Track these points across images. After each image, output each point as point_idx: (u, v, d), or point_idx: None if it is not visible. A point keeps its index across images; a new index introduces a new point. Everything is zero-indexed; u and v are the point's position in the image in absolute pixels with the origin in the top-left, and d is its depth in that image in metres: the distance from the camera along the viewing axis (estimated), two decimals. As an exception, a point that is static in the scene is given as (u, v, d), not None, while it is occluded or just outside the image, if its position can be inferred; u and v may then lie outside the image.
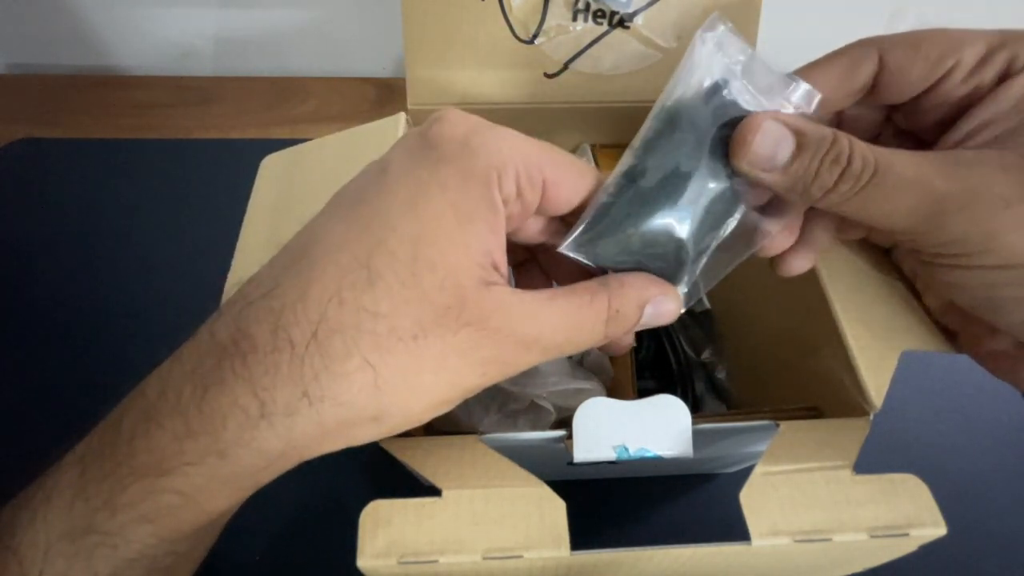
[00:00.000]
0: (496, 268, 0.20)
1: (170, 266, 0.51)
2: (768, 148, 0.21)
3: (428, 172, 0.19)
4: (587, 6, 0.35)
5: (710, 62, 0.21)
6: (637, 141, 0.21)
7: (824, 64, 0.24)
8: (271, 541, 0.38)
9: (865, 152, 0.21)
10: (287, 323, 0.18)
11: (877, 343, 0.26)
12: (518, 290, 0.20)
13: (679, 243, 0.22)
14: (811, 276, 0.28)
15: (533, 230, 0.24)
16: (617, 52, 0.36)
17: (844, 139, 0.21)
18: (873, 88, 0.24)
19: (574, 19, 0.36)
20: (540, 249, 0.25)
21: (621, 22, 0.36)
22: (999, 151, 0.21)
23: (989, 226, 0.20)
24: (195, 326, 0.20)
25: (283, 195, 0.30)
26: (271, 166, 0.32)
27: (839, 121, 0.26)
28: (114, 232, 0.52)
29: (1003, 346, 0.24)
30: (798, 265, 0.25)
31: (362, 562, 0.21)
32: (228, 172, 0.57)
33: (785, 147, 0.21)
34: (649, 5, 0.35)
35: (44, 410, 0.43)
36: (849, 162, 0.20)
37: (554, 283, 0.26)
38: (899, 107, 0.25)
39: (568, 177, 0.21)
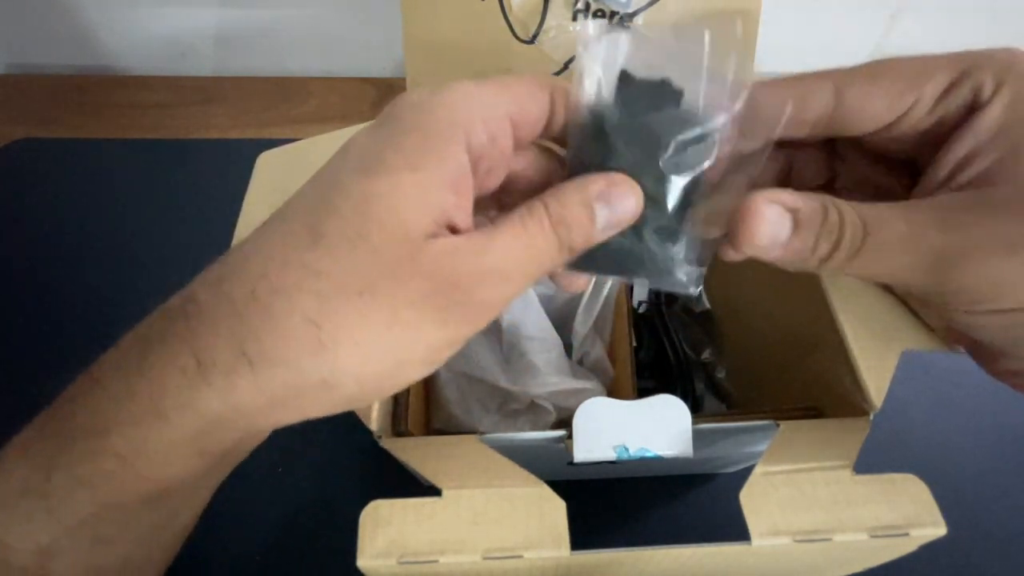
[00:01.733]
0: (452, 227, 0.19)
1: (170, 266, 0.50)
2: (770, 236, 0.20)
3: (385, 139, 0.19)
4: (587, 6, 0.35)
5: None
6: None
7: (773, 88, 0.23)
8: (271, 541, 0.38)
9: (854, 218, 0.20)
10: (228, 286, 0.18)
11: (877, 343, 0.26)
12: (467, 233, 0.19)
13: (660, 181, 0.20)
14: (811, 276, 0.28)
15: (521, 169, 0.23)
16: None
17: (833, 209, 0.20)
18: (830, 122, 0.23)
19: (574, 19, 0.36)
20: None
21: (621, 22, 0.36)
22: (992, 189, 0.20)
23: (997, 274, 0.19)
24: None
25: (279, 192, 0.30)
26: (267, 163, 0.32)
27: (790, 161, 0.26)
28: (114, 232, 0.52)
29: (1017, 366, 0.23)
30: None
31: (362, 562, 0.21)
32: (228, 172, 0.57)
33: (784, 229, 0.20)
34: (649, 5, 0.35)
35: (42, 408, 0.42)
36: (841, 231, 0.20)
37: None
38: (866, 136, 0.24)
39: (530, 102, 0.21)
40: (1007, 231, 0.19)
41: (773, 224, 0.20)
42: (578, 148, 0.21)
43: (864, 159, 0.25)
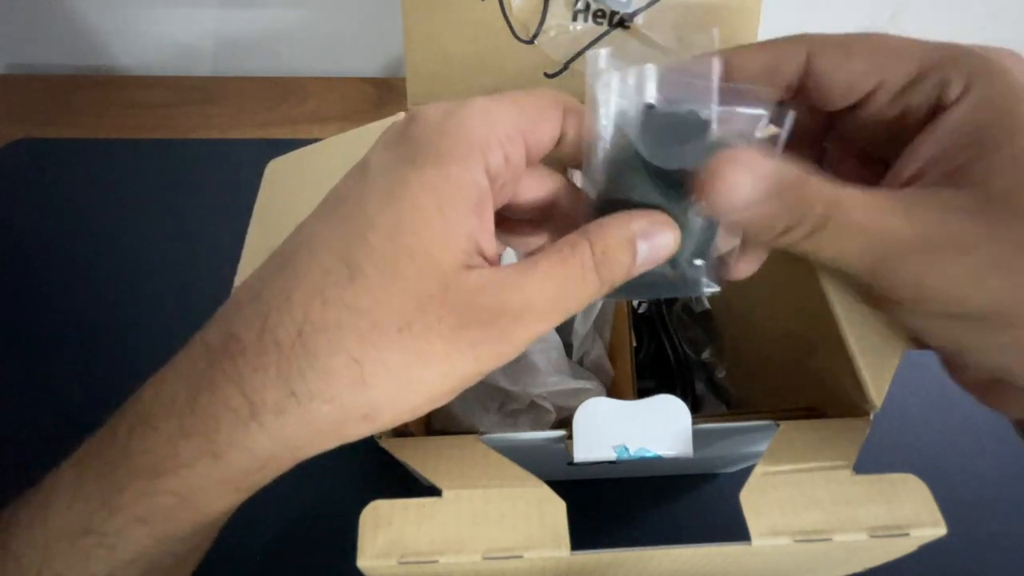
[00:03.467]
0: (480, 252, 0.19)
1: (170, 266, 0.51)
2: (744, 195, 0.19)
3: (406, 163, 0.19)
4: (587, 6, 0.35)
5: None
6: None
7: (747, 53, 0.23)
8: (271, 541, 0.38)
9: (826, 195, 0.19)
10: (273, 324, 0.18)
11: (878, 343, 0.26)
12: (501, 266, 0.20)
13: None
14: (811, 276, 0.28)
15: (527, 187, 0.23)
16: (617, 52, 0.36)
17: (814, 181, 0.19)
18: (801, 91, 0.23)
19: (574, 19, 0.36)
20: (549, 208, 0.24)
21: (621, 22, 0.36)
22: (955, 191, 0.20)
23: (945, 272, 0.19)
24: (195, 326, 0.20)
25: (289, 199, 0.30)
26: (276, 170, 0.32)
27: None
28: (114, 232, 0.52)
29: (982, 376, 0.23)
30: (743, 269, 0.24)
31: (362, 562, 0.21)
32: (228, 172, 0.57)
33: (758, 191, 0.19)
34: (649, 5, 0.35)
35: (44, 410, 0.43)
36: (809, 206, 0.19)
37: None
38: (840, 116, 0.24)
39: (542, 120, 0.21)
40: (961, 233, 0.19)
41: (748, 184, 0.19)
42: (606, 181, 0.21)
43: (845, 151, 0.25)
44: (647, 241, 0.20)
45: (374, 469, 0.40)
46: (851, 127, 0.24)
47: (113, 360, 0.45)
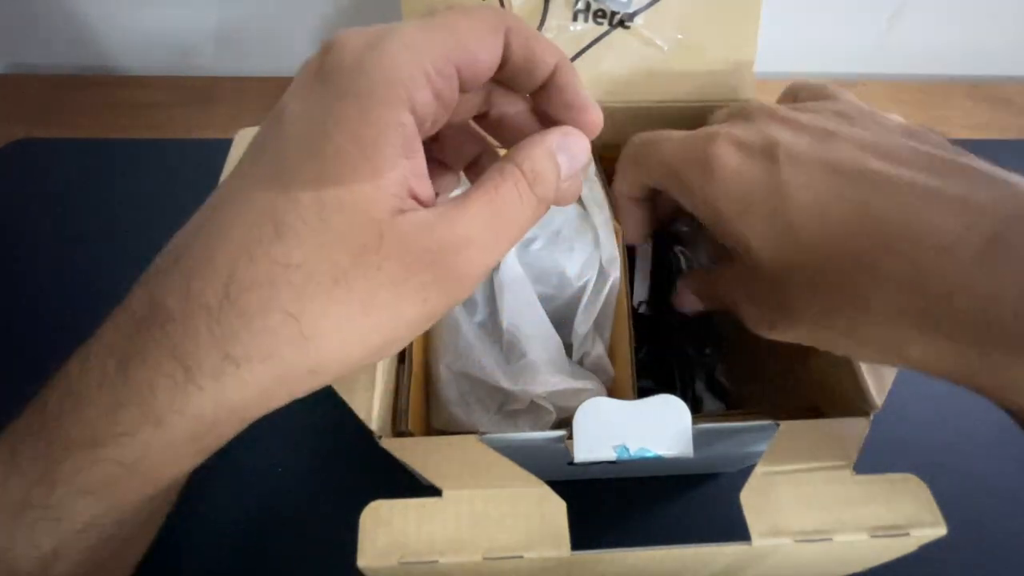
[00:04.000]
0: (413, 195, 0.19)
1: (170, 266, 0.50)
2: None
3: (323, 108, 0.18)
4: (587, 6, 0.35)
5: None
6: None
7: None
8: (271, 541, 0.38)
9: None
10: (198, 287, 0.17)
11: (877, 343, 0.26)
12: (436, 205, 0.19)
13: None
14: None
15: (466, 108, 0.23)
16: (617, 52, 0.36)
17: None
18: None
19: (574, 19, 0.36)
20: (488, 121, 0.24)
21: (621, 22, 0.36)
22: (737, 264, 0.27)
23: (747, 313, 0.27)
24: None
25: None
26: (246, 140, 0.32)
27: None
28: (114, 232, 0.52)
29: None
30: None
31: (362, 562, 0.21)
32: (224, 166, 0.57)
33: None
34: (649, 5, 0.35)
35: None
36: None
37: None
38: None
39: (480, 49, 0.20)
40: (748, 290, 0.26)
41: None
42: None
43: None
44: (566, 152, 0.21)
45: (374, 469, 0.40)
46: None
47: (113, 360, 0.45)
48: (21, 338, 0.47)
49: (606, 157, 0.42)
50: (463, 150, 0.25)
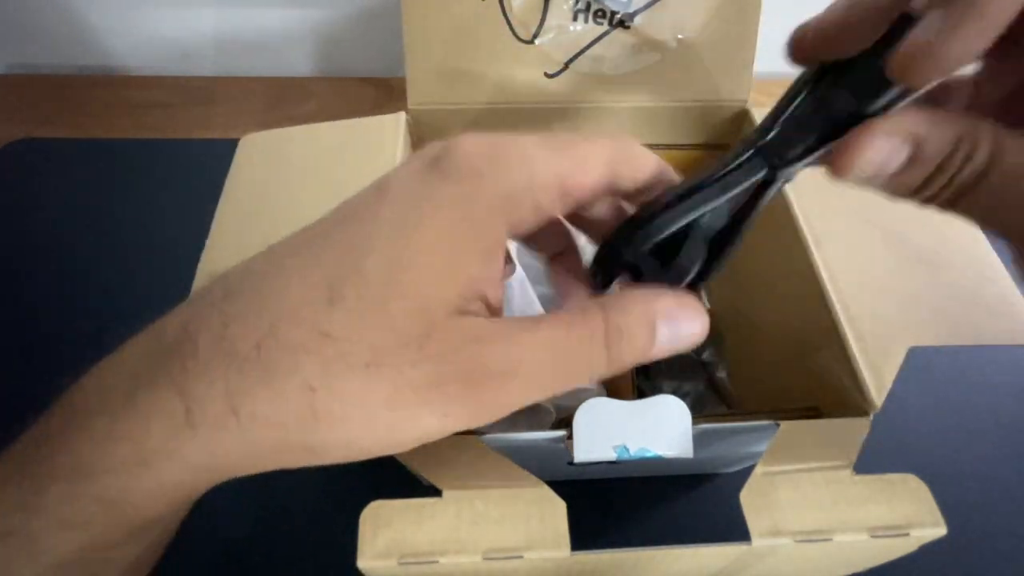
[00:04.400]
0: (483, 299, 0.18)
1: (170, 266, 0.50)
2: (876, 165, 0.17)
3: (427, 200, 0.18)
4: (587, 6, 0.35)
5: None
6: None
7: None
8: (271, 541, 0.38)
9: (985, 152, 0.16)
10: (234, 332, 0.17)
11: (879, 342, 0.26)
12: (498, 318, 0.18)
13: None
14: (811, 275, 0.28)
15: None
16: (617, 52, 0.36)
17: (967, 144, 0.16)
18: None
19: (574, 19, 0.36)
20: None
21: (621, 22, 0.36)
22: None
23: None
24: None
25: (264, 178, 0.30)
26: (252, 146, 0.32)
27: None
28: (114, 232, 0.52)
29: None
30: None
31: (362, 562, 0.21)
32: (228, 172, 0.57)
33: (896, 160, 0.17)
34: (649, 5, 0.35)
35: (43, 411, 0.42)
36: (962, 167, 0.17)
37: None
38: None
39: (582, 172, 0.19)
40: None
41: (884, 149, 0.17)
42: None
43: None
44: (671, 325, 0.19)
45: (374, 469, 0.40)
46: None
47: (113, 360, 0.45)
48: (21, 338, 0.47)
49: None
50: (548, 242, 0.24)
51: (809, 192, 0.31)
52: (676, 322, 0.19)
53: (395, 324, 0.17)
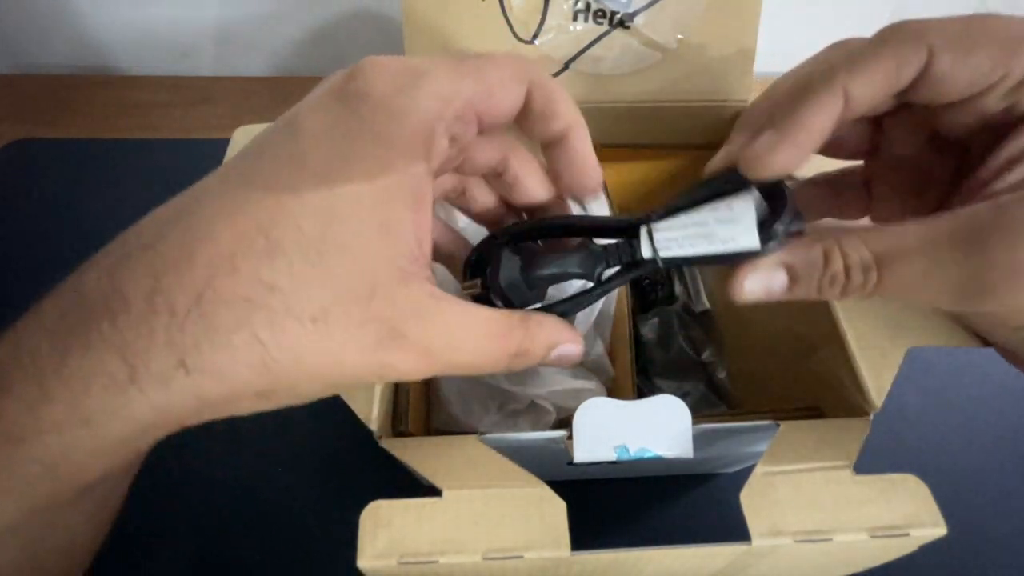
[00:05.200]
0: (417, 254, 0.18)
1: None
2: (762, 290, 0.21)
3: (346, 141, 0.17)
4: (587, 6, 0.35)
5: None
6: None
7: (869, 63, 0.20)
8: (271, 541, 0.38)
9: (863, 258, 0.20)
10: (168, 285, 0.16)
11: (880, 342, 0.26)
12: (436, 293, 0.19)
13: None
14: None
15: (482, 161, 0.23)
16: (617, 52, 0.36)
17: (837, 256, 0.20)
18: (911, 91, 0.21)
19: (574, 19, 0.36)
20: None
21: (621, 22, 0.36)
22: None
23: (1021, 303, 0.18)
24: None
25: None
26: (246, 138, 0.32)
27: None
28: (114, 232, 0.52)
29: None
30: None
31: (362, 562, 0.21)
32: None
33: (777, 282, 0.21)
34: (649, 5, 0.35)
35: None
36: (848, 276, 0.20)
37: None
38: (913, 113, 0.23)
39: (504, 96, 0.20)
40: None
41: (762, 280, 0.21)
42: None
43: (910, 137, 0.23)
44: (559, 352, 0.22)
45: (374, 469, 0.40)
46: (938, 119, 0.22)
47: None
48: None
49: (606, 152, 0.42)
50: (478, 200, 0.25)
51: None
52: (566, 354, 0.22)
53: (338, 281, 0.17)
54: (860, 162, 0.26)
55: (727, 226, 0.20)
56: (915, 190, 0.24)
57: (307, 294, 0.17)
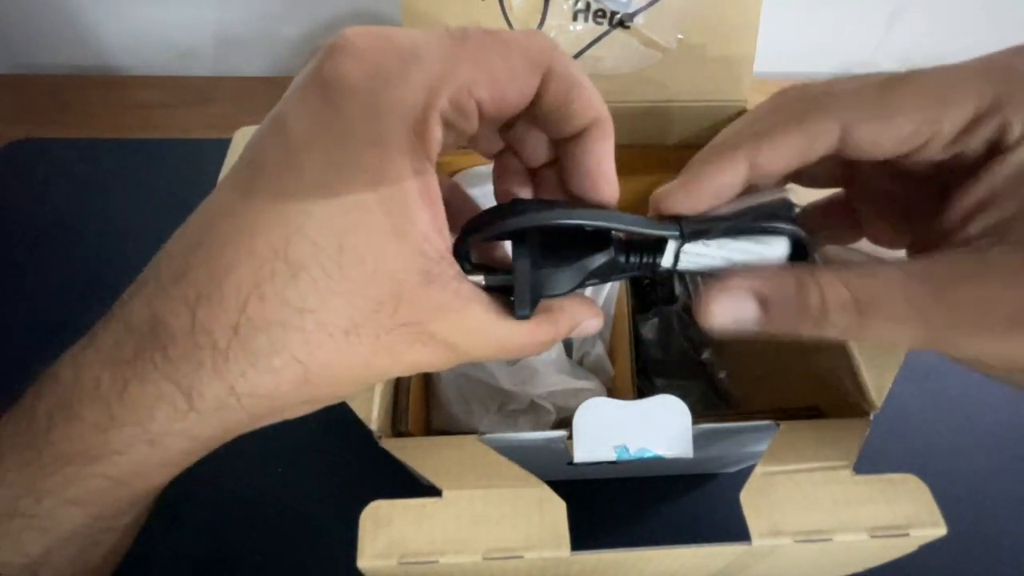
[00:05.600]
0: (436, 251, 0.18)
1: (170, 266, 0.51)
2: (732, 319, 0.19)
3: (337, 146, 0.17)
4: (587, 6, 0.35)
5: None
6: None
7: (776, 140, 0.20)
8: (271, 541, 0.38)
9: (841, 297, 0.18)
10: (204, 317, 0.17)
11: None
12: (463, 291, 0.18)
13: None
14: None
15: (484, 145, 0.22)
16: (617, 52, 0.36)
17: (814, 290, 0.19)
18: (836, 154, 0.20)
19: (574, 19, 0.36)
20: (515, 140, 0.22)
21: (621, 22, 0.36)
22: (999, 249, 0.18)
23: (998, 349, 0.18)
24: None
25: None
26: (246, 139, 0.32)
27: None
28: (114, 232, 0.52)
29: None
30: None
31: (362, 562, 0.21)
32: (224, 165, 0.57)
33: (748, 312, 0.19)
34: (649, 5, 0.35)
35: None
36: (823, 313, 0.19)
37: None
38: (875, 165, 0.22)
39: (510, 89, 0.18)
40: (1007, 303, 0.18)
41: (732, 309, 0.19)
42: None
43: (878, 172, 0.23)
44: (582, 331, 0.22)
45: (374, 469, 0.40)
46: (896, 164, 0.21)
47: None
48: (21, 337, 0.47)
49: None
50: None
51: (811, 194, 0.31)
52: (586, 327, 0.22)
53: (362, 291, 0.17)
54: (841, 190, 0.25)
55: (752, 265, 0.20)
56: (899, 213, 0.23)
57: (336, 310, 0.17)
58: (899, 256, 0.23)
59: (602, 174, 0.20)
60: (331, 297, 0.17)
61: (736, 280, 0.19)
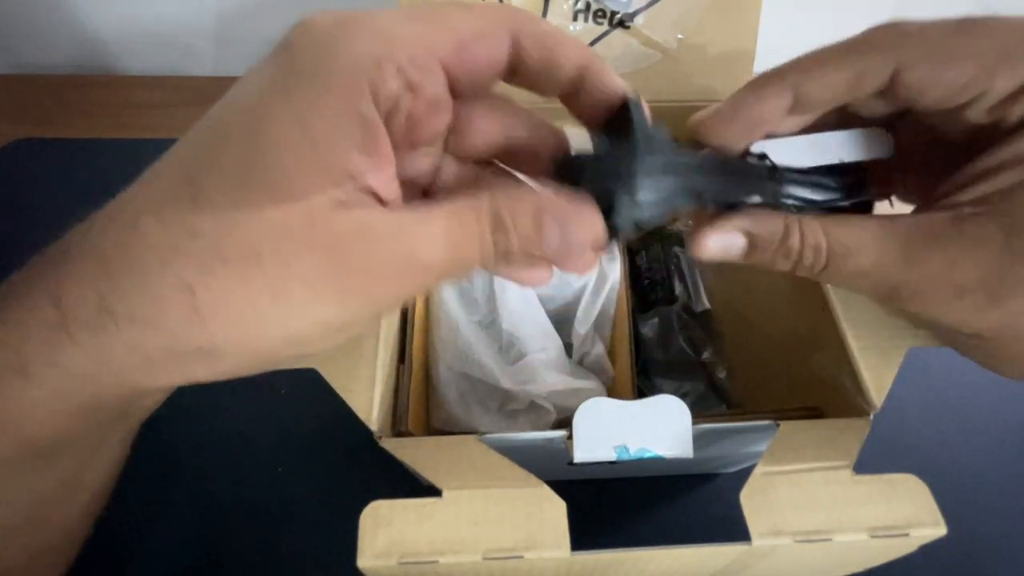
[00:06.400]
0: (369, 191, 0.17)
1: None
2: (721, 249, 0.21)
3: (277, 84, 0.17)
4: (587, 6, 0.35)
5: None
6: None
7: (827, 69, 0.20)
8: (271, 541, 0.38)
9: (818, 243, 0.20)
10: (99, 231, 0.17)
11: (880, 342, 0.26)
12: (386, 208, 0.17)
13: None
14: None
15: (483, 123, 0.21)
16: (617, 52, 0.36)
17: (795, 236, 0.21)
18: (884, 91, 0.20)
19: (574, 19, 0.36)
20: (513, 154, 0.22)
21: (621, 22, 0.36)
22: (976, 220, 0.19)
23: (940, 314, 0.20)
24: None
25: None
26: None
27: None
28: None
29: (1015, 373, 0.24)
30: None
31: (362, 562, 0.21)
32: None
33: (736, 246, 0.21)
34: (649, 5, 0.35)
35: None
36: (800, 257, 0.21)
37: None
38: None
39: (479, 48, 0.18)
40: (964, 274, 0.19)
41: (722, 241, 0.21)
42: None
43: (914, 138, 0.23)
44: (559, 223, 0.18)
45: (374, 469, 0.40)
46: (930, 120, 0.21)
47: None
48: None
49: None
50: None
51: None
52: (566, 223, 0.18)
53: (267, 217, 0.16)
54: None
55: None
56: (928, 186, 0.23)
57: (232, 234, 0.16)
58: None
59: (617, 92, 0.20)
60: (230, 222, 0.16)
61: (732, 220, 0.21)
